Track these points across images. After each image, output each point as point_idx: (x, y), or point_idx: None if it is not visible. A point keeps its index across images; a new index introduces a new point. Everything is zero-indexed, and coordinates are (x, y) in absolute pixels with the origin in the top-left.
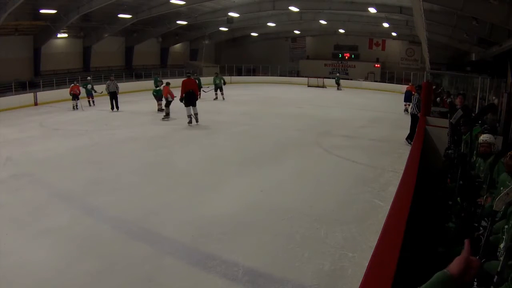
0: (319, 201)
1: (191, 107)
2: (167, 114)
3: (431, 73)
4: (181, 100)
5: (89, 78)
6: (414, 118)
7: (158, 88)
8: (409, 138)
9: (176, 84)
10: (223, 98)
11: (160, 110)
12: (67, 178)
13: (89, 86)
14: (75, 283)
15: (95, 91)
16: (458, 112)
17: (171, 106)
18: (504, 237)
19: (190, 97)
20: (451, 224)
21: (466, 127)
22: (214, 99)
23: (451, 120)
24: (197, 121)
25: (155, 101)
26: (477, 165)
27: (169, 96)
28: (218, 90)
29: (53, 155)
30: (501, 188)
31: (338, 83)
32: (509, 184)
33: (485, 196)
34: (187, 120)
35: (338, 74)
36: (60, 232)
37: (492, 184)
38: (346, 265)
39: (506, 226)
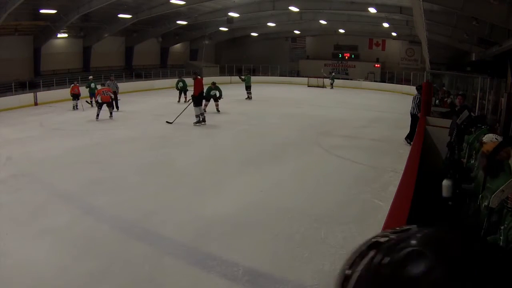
0: (319, 201)
1: (199, 107)
2: (98, 115)
3: (431, 73)
4: (193, 98)
5: (90, 77)
6: (414, 118)
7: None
8: (409, 138)
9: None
10: (250, 98)
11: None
12: (67, 178)
13: (92, 85)
14: (75, 283)
15: None
16: (464, 113)
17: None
18: (501, 238)
19: (201, 97)
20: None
21: (469, 127)
22: (246, 98)
23: (457, 121)
24: (204, 121)
25: (153, 101)
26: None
27: (99, 97)
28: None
29: (53, 155)
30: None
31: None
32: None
33: (480, 196)
34: (195, 120)
35: (333, 74)
36: (60, 232)
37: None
38: None
39: (502, 227)
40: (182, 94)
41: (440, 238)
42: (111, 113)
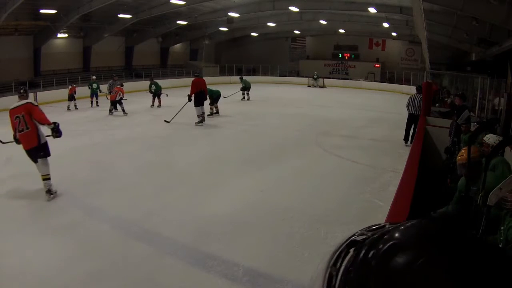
0: (319, 201)
1: (200, 106)
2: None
3: (431, 73)
4: (190, 99)
5: (94, 77)
6: (413, 118)
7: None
8: (405, 139)
9: (177, 84)
10: (246, 99)
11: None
12: (67, 178)
13: (94, 85)
14: (75, 283)
15: (101, 91)
16: (465, 113)
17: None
18: (501, 238)
19: (201, 97)
20: None
21: (467, 125)
22: (242, 99)
23: (457, 121)
24: (204, 120)
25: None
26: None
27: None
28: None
29: (53, 155)
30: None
31: (315, 81)
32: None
33: (480, 195)
34: (197, 120)
35: (316, 72)
36: (60, 232)
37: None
38: None
39: (502, 227)
40: (156, 98)
41: (420, 230)
42: (123, 110)
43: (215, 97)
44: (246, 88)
